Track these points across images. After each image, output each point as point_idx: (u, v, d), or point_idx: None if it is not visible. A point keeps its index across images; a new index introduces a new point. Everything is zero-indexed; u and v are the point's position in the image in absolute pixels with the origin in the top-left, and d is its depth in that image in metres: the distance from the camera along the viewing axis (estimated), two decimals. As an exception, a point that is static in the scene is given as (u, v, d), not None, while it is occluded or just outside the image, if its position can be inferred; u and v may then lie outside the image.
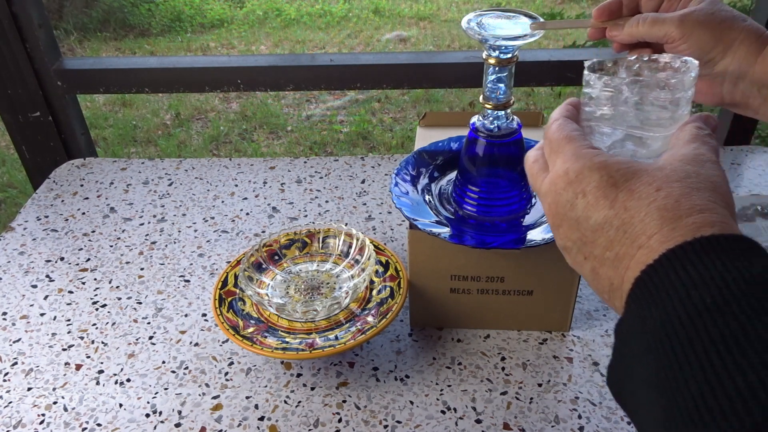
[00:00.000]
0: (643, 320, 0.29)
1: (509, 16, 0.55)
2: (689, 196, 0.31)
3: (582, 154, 0.36)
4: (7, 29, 1.00)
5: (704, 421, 0.24)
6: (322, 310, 0.63)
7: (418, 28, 3.88)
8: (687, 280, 0.28)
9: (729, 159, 0.98)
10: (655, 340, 0.28)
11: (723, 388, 0.24)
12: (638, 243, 0.32)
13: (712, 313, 0.26)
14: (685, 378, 0.25)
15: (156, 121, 2.90)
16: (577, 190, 0.35)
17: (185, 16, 3.98)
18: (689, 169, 0.33)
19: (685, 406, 0.25)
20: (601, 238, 0.34)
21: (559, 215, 0.37)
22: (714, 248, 0.29)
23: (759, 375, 0.23)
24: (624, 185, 0.33)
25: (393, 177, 0.67)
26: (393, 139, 2.73)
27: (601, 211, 0.34)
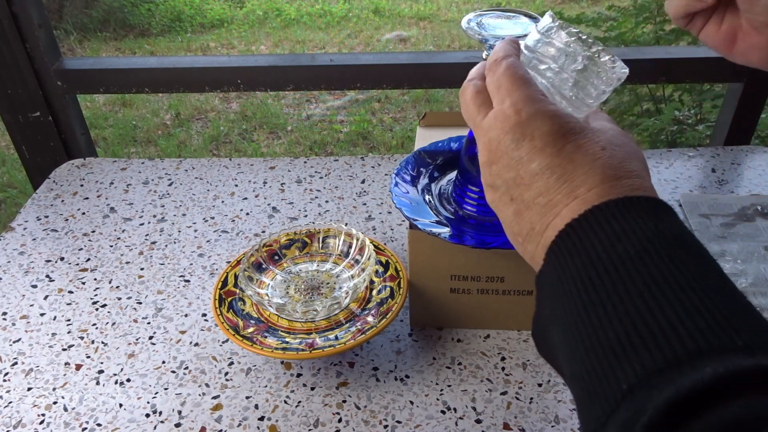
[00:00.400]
0: (564, 268, 0.31)
1: (509, 16, 0.55)
2: (629, 161, 0.34)
3: (537, 99, 0.37)
4: (7, 29, 1.00)
5: (626, 353, 0.26)
6: (322, 310, 0.63)
7: (418, 28, 3.88)
8: (611, 232, 0.30)
9: (729, 159, 0.98)
10: (577, 285, 0.30)
11: (646, 324, 0.26)
12: (576, 193, 0.33)
13: (635, 262, 0.28)
14: (609, 318, 0.27)
15: (156, 121, 2.90)
16: (525, 132, 0.36)
17: (185, 16, 3.98)
18: (624, 139, 0.36)
19: (608, 342, 0.27)
20: (539, 182, 0.35)
21: (498, 152, 0.37)
22: (636, 208, 0.31)
23: (677, 313, 0.26)
24: (572, 138, 0.35)
25: (393, 177, 0.67)
26: (393, 139, 2.73)
27: (547, 158, 0.35)
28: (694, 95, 1.99)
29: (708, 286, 0.27)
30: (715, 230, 0.80)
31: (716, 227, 0.81)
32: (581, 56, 0.40)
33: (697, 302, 0.26)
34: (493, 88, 0.39)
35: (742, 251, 0.76)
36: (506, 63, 0.39)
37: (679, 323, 0.25)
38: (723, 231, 0.80)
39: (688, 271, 0.28)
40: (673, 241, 0.29)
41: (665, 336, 0.25)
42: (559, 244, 0.32)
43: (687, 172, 0.95)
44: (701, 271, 0.28)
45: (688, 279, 0.27)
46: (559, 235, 0.32)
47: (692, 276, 0.28)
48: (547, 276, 0.33)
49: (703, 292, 0.27)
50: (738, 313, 0.26)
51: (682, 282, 0.27)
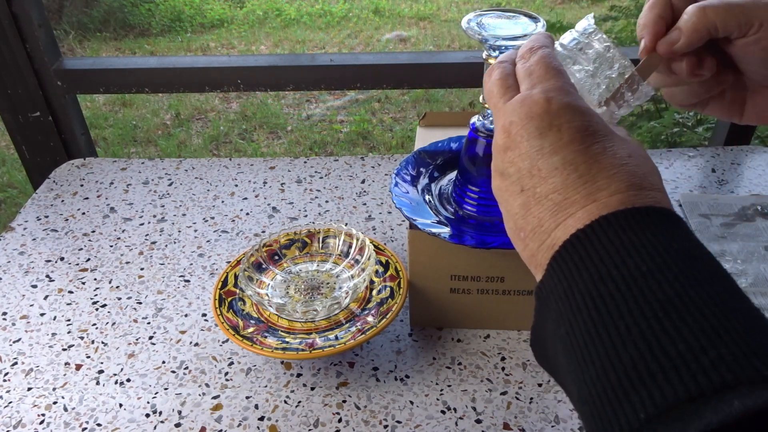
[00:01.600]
0: (570, 281, 0.29)
1: (509, 16, 0.55)
2: (652, 174, 0.32)
3: (569, 92, 0.35)
4: (7, 29, 1.00)
5: (644, 381, 0.24)
6: (322, 310, 0.63)
7: (418, 28, 3.88)
8: (621, 246, 0.28)
9: (729, 159, 0.98)
10: (586, 301, 0.28)
11: (664, 350, 0.24)
12: (596, 196, 0.31)
13: (647, 279, 0.27)
14: (623, 340, 0.26)
15: (156, 121, 2.90)
16: (553, 122, 0.34)
17: (185, 16, 3.98)
18: (645, 154, 0.34)
19: (622, 366, 0.25)
20: (557, 178, 0.33)
21: (518, 137, 0.35)
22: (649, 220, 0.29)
23: (699, 340, 0.24)
24: (600, 139, 0.33)
25: (393, 177, 0.67)
26: (393, 139, 2.73)
27: (571, 153, 0.33)
28: (694, 95, 1.99)
29: (728, 308, 0.26)
30: (715, 230, 0.80)
31: (716, 227, 0.81)
32: (619, 63, 0.39)
33: (718, 327, 0.25)
34: (524, 74, 0.38)
35: (742, 251, 0.76)
36: (542, 52, 0.38)
37: (701, 351, 0.24)
38: (723, 231, 0.80)
39: (706, 292, 0.26)
40: (688, 257, 0.28)
41: (686, 365, 0.24)
42: (565, 254, 0.30)
43: (687, 172, 0.95)
44: (719, 291, 0.26)
45: (706, 300, 0.26)
46: (564, 246, 0.31)
47: (710, 297, 0.26)
48: (550, 288, 0.31)
49: (723, 315, 0.25)
50: (762, 338, 0.25)
51: (700, 304, 0.26)
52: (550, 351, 0.31)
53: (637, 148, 0.34)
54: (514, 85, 0.38)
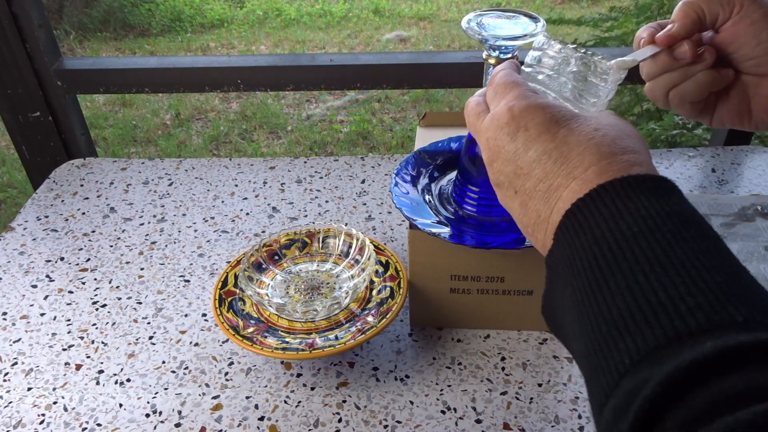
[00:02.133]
0: (571, 247, 0.32)
1: (509, 16, 0.55)
2: (622, 138, 0.35)
3: (527, 95, 0.39)
4: (7, 29, 1.00)
5: (629, 329, 0.27)
6: (322, 310, 0.63)
7: (418, 28, 3.88)
8: (615, 211, 0.31)
9: (729, 159, 0.98)
10: (583, 263, 0.31)
11: (647, 300, 0.27)
12: (574, 174, 0.34)
13: (638, 240, 0.29)
14: (613, 295, 0.28)
15: (156, 121, 2.90)
16: (519, 125, 0.37)
17: (185, 16, 3.98)
18: (618, 120, 0.37)
19: (611, 318, 0.28)
20: (537, 169, 0.36)
21: (496, 148, 0.38)
22: (640, 186, 0.32)
23: (678, 290, 0.27)
24: (565, 123, 0.36)
25: (393, 177, 0.67)
26: (393, 139, 2.73)
27: (542, 143, 0.36)
28: (694, 95, 1.99)
29: (710, 262, 0.28)
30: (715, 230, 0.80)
31: (716, 227, 0.81)
32: (573, 58, 0.42)
33: (698, 279, 0.27)
34: (490, 96, 0.42)
35: (742, 251, 0.76)
36: (501, 74, 0.42)
37: (680, 300, 0.26)
38: (723, 231, 0.80)
39: (691, 249, 0.28)
40: (677, 219, 0.30)
41: (667, 312, 0.26)
42: (566, 223, 0.33)
43: (687, 172, 0.95)
44: (704, 249, 0.29)
45: (689, 256, 0.28)
46: (566, 215, 0.33)
47: (694, 253, 0.28)
48: (556, 255, 0.34)
49: (704, 269, 0.27)
50: (739, 290, 0.27)
51: (684, 259, 0.28)
52: (559, 315, 0.34)
53: (606, 118, 0.37)
54: (486, 108, 0.42)
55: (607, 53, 0.43)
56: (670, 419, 0.23)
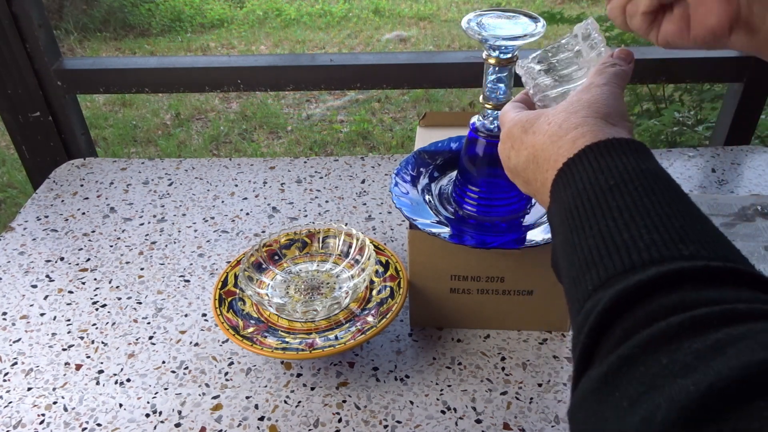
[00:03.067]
0: (560, 201, 0.37)
1: (509, 16, 0.55)
2: (568, 119, 0.40)
3: (509, 119, 0.46)
4: (7, 29, 0.99)
5: (595, 263, 0.31)
6: (322, 310, 0.63)
7: (418, 28, 3.88)
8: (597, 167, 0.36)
9: (729, 159, 0.98)
10: (567, 212, 0.36)
11: (612, 239, 0.32)
12: (546, 167, 0.40)
13: (613, 191, 0.34)
14: (586, 236, 0.33)
15: (156, 121, 2.90)
16: (508, 146, 0.46)
17: (185, 16, 3.98)
18: (574, 99, 0.42)
19: (583, 256, 0.33)
20: (530, 174, 0.43)
21: (508, 170, 0.47)
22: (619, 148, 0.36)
23: (639, 231, 0.31)
24: (530, 129, 0.43)
25: (393, 177, 0.67)
26: (393, 139, 2.73)
27: (522, 153, 0.43)
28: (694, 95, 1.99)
29: (672, 210, 0.32)
30: (715, 230, 0.80)
31: (716, 227, 0.81)
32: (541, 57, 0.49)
33: (658, 223, 0.31)
34: None
35: (742, 251, 0.76)
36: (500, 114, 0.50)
37: (639, 238, 0.31)
38: (723, 231, 0.80)
39: (657, 200, 0.33)
40: (649, 174, 0.34)
41: (627, 248, 0.31)
42: (556, 182, 0.38)
43: (687, 172, 0.95)
44: (668, 199, 0.33)
45: (655, 205, 0.32)
46: (557, 175, 0.38)
47: (660, 203, 0.32)
48: (551, 211, 0.39)
49: (665, 216, 0.32)
50: (692, 232, 0.31)
51: (650, 208, 0.32)
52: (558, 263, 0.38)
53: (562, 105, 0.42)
54: None
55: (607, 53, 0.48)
56: (618, 327, 0.28)
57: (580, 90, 0.43)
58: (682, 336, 0.26)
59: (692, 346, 0.25)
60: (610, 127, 0.39)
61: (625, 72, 0.45)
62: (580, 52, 0.48)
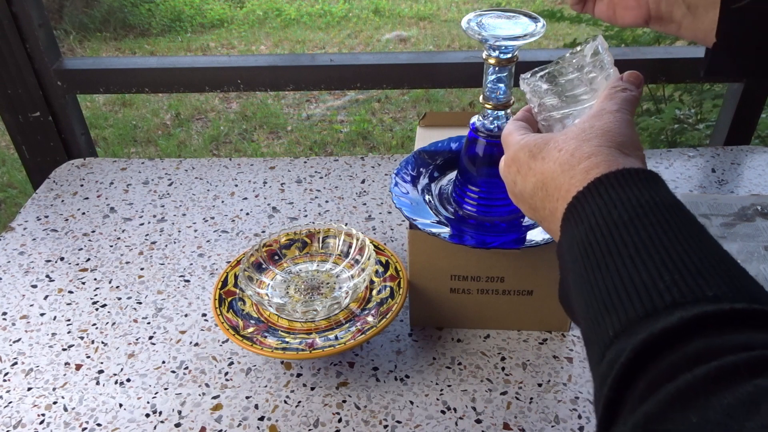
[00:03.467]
0: (573, 236, 0.36)
1: (509, 16, 0.55)
2: (580, 147, 0.39)
3: (513, 142, 0.45)
4: (7, 29, 0.99)
5: (615, 306, 0.30)
6: (322, 310, 0.63)
7: (418, 28, 3.88)
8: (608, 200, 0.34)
9: (729, 159, 0.98)
10: (580, 249, 0.34)
11: (631, 280, 0.30)
12: (556, 197, 0.39)
13: (628, 227, 0.32)
14: (602, 275, 0.32)
15: (156, 121, 2.90)
16: (513, 171, 0.44)
17: (185, 16, 3.98)
18: (585, 125, 0.41)
19: (601, 297, 0.31)
20: (538, 201, 0.41)
21: (513, 195, 0.46)
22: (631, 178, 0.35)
23: (659, 270, 0.30)
24: (539, 154, 0.42)
25: (393, 177, 0.67)
26: (393, 139, 2.73)
27: (530, 180, 0.42)
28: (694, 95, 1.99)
29: (690, 246, 0.31)
30: (715, 230, 0.80)
31: (716, 227, 0.81)
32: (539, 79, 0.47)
33: (677, 260, 0.30)
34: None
35: (742, 251, 0.76)
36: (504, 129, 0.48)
37: (659, 278, 0.29)
38: (723, 231, 0.80)
39: (674, 234, 0.31)
40: (663, 207, 0.33)
41: (646, 290, 0.29)
42: (568, 215, 0.37)
43: (687, 172, 0.95)
44: (686, 234, 0.32)
45: (672, 241, 0.31)
46: (567, 208, 0.37)
47: (677, 238, 0.31)
48: (562, 245, 0.37)
49: (684, 252, 0.30)
50: (714, 270, 0.29)
51: (667, 244, 0.31)
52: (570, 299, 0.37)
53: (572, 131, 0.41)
54: None
55: None
56: (642, 380, 0.26)
57: (591, 116, 0.42)
58: (710, 390, 0.24)
59: (722, 401, 0.23)
60: (624, 157, 0.37)
61: (636, 97, 0.43)
62: (588, 73, 0.46)
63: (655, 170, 0.36)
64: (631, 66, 0.46)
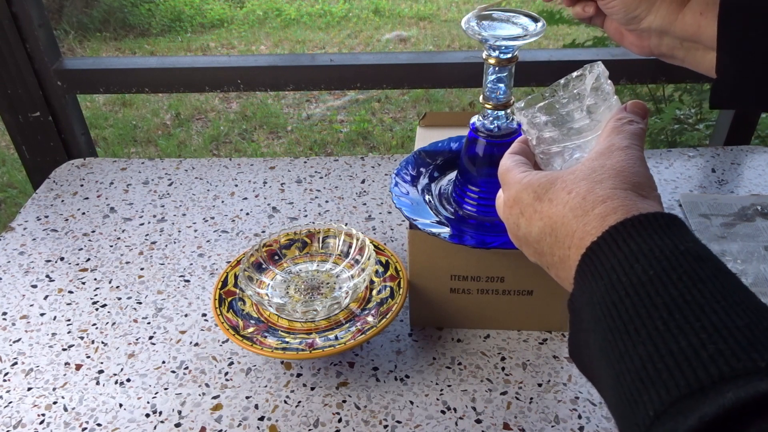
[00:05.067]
0: (591, 291, 0.32)
1: (509, 16, 0.55)
2: (593, 190, 0.35)
3: (516, 180, 0.41)
4: (7, 29, 0.99)
5: (651, 379, 0.26)
6: (322, 310, 0.63)
7: (418, 28, 3.88)
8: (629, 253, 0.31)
9: (729, 159, 0.98)
10: (602, 309, 0.31)
11: (668, 349, 0.27)
12: (567, 244, 0.36)
13: (654, 283, 0.29)
14: (633, 342, 0.28)
15: (156, 121, 2.90)
16: (516, 212, 0.41)
17: (185, 16, 3.98)
18: (596, 164, 0.37)
19: (634, 368, 0.27)
20: (545, 246, 0.38)
21: (515, 237, 0.42)
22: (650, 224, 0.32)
23: (699, 337, 0.26)
24: (545, 196, 0.38)
25: (393, 177, 0.67)
26: (393, 139, 2.73)
27: (536, 224, 0.38)
28: (694, 95, 1.99)
29: (729, 304, 0.27)
30: (715, 230, 0.80)
31: (716, 227, 0.81)
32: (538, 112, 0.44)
33: (718, 324, 0.26)
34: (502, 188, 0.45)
35: (742, 251, 0.76)
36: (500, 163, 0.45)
37: (701, 347, 0.26)
38: (723, 231, 0.80)
39: (709, 290, 0.28)
40: (691, 258, 0.29)
41: (688, 361, 0.26)
42: (583, 268, 0.33)
43: (687, 172, 0.95)
44: (721, 289, 0.28)
45: (708, 299, 0.27)
46: (582, 260, 0.33)
47: (712, 294, 0.28)
48: (578, 299, 0.34)
49: (724, 311, 0.27)
50: (761, 332, 0.26)
51: (703, 302, 0.27)
52: (586, 359, 0.34)
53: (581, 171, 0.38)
54: None
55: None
56: None
57: (599, 153, 0.39)
58: None
59: None
60: (642, 200, 0.34)
61: (643, 130, 0.40)
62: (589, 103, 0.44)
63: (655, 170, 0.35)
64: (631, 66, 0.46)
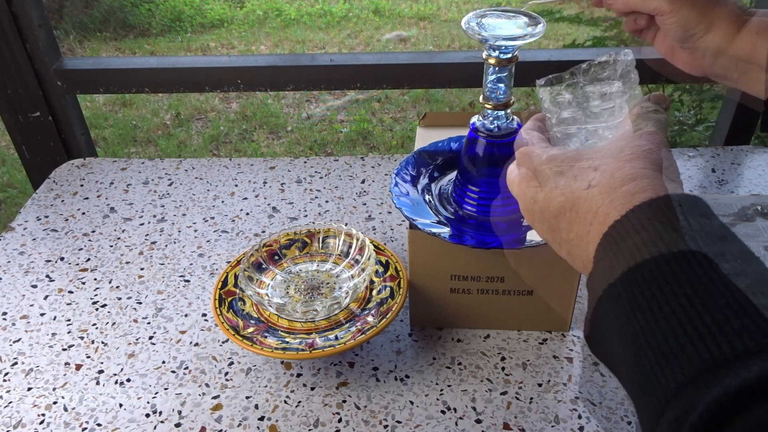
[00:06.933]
0: (611, 270, 0.32)
1: (509, 16, 0.55)
2: (621, 168, 0.35)
3: (535, 155, 0.41)
4: (7, 29, 0.99)
5: (674, 353, 0.26)
6: (322, 310, 0.63)
7: (418, 28, 3.88)
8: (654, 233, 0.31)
9: (729, 159, 0.98)
10: (625, 286, 0.30)
11: (692, 324, 0.26)
12: (589, 220, 0.35)
13: (680, 261, 0.29)
14: (656, 317, 0.28)
15: (156, 121, 2.90)
16: (533, 186, 0.40)
17: (185, 16, 3.98)
18: (623, 144, 0.37)
19: (656, 342, 0.27)
20: (563, 222, 0.38)
21: (529, 212, 0.41)
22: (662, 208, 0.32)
23: (724, 313, 0.26)
24: (569, 172, 0.38)
25: (393, 177, 0.67)
26: (393, 139, 2.73)
27: (557, 198, 0.38)
28: (694, 95, 1.99)
29: (754, 283, 0.27)
30: (715, 230, 0.80)
31: (716, 227, 0.81)
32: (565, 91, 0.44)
33: (743, 301, 0.26)
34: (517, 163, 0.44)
35: (742, 251, 0.76)
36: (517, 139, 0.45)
37: (725, 323, 0.26)
38: (723, 231, 0.80)
39: (734, 269, 0.28)
40: (716, 238, 0.30)
41: (712, 335, 0.26)
42: (605, 245, 0.33)
43: (687, 172, 0.95)
44: (747, 268, 0.28)
45: (734, 277, 0.28)
46: (605, 237, 0.33)
47: (737, 274, 0.28)
48: (597, 278, 0.33)
49: (749, 290, 0.27)
50: None
51: (728, 281, 0.28)
52: (604, 340, 0.33)
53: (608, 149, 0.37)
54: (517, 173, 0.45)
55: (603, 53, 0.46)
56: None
57: (624, 135, 0.39)
58: None
59: None
60: (669, 182, 0.35)
61: (666, 120, 0.41)
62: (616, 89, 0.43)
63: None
64: (631, 66, 0.46)
